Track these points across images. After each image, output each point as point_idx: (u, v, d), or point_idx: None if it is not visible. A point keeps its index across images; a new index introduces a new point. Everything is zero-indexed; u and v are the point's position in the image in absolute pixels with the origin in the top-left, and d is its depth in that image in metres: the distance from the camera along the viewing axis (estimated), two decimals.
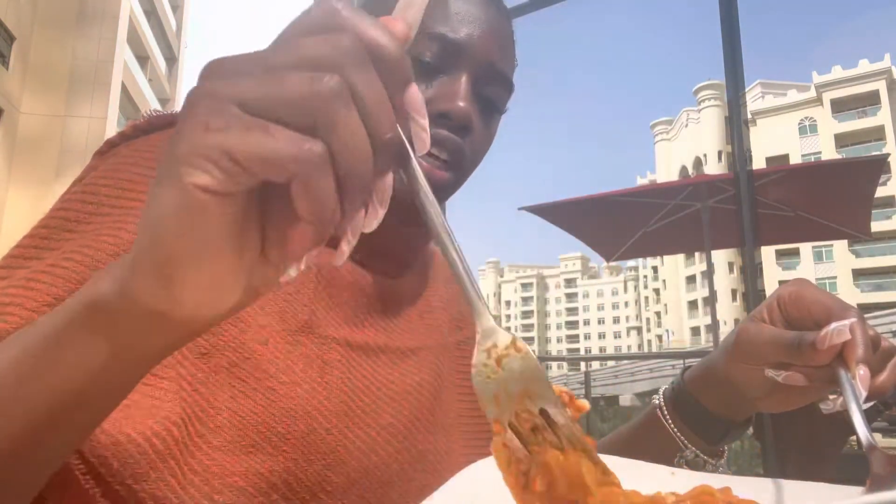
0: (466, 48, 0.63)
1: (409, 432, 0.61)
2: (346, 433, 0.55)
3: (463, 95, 0.61)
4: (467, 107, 0.61)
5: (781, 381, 0.54)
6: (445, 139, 0.61)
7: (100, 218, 0.52)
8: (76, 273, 0.48)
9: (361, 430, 0.57)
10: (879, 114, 54.79)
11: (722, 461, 0.65)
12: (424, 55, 0.62)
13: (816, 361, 0.50)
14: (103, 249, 0.49)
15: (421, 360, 0.67)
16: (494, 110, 0.67)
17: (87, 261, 0.49)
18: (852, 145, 54.55)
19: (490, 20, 0.65)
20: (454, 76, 0.62)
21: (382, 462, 0.57)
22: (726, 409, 0.63)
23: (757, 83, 64.52)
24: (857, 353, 0.48)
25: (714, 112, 66.42)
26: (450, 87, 0.62)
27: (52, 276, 0.48)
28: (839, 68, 56.91)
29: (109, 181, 0.55)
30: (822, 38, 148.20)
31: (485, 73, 0.64)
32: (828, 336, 0.49)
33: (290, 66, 0.28)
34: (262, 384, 0.52)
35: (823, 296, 0.54)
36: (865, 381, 0.47)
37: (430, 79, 0.62)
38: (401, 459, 0.59)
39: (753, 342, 0.56)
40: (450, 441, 0.66)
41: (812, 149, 56.22)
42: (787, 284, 0.57)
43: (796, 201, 4.62)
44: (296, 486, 0.52)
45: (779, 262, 56.57)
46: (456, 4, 0.64)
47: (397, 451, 0.59)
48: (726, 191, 4.53)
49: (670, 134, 76.37)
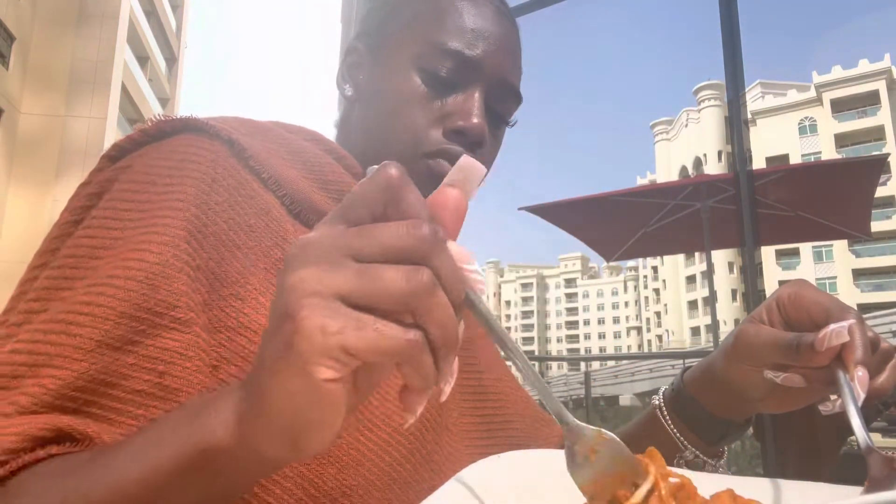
0: (482, 65, 0.65)
1: (419, 433, 0.61)
2: (357, 436, 0.55)
3: (477, 112, 0.63)
4: (481, 123, 0.63)
5: (780, 382, 0.54)
6: (459, 156, 0.62)
7: (122, 242, 0.52)
8: (112, 309, 0.47)
9: (373, 433, 0.57)
10: (879, 114, 54.80)
11: (721, 462, 0.65)
12: (440, 71, 0.64)
13: (815, 363, 0.50)
14: (133, 277, 0.49)
15: None
16: (502, 122, 0.69)
17: (119, 293, 0.48)
18: (852, 145, 54.58)
19: (503, 35, 0.67)
20: (468, 92, 0.64)
21: (396, 462, 0.57)
22: (726, 410, 0.63)
23: (757, 83, 64.54)
24: (856, 355, 0.48)
25: (714, 112, 66.45)
26: (464, 103, 0.64)
27: (93, 317, 0.47)
28: (839, 68, 56.91)
29: (130, 204, 0.54)
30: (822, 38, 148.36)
31: (497, 88, 0.66)
32: (826, 337, 0.49)
33: (379, 258, 0.31)
34: None
35: (822, 297, 0.54)
36: (864, 383, 0.47)
37: (445, 94, 0.64)
38: (413, 461, 0.59)
39: (752, 343, 0.56)
40: (453, 441, 0.66)
41: (812, 149, 56.25)
42: (787, 286, 0.57)
43: (796, 201, 4.62)
44: (313, 491, 0.52)
45: (779, 262, 56.58)
46: (471, 20, 0.65)
47: (409, 452, 0.59)
48: (726, 191, 4.53)
49: (670, 134, 76.39)
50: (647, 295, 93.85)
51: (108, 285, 0.48)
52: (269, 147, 0.63)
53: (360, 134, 0.70)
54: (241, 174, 0.58)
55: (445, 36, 0.64)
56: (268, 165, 0.60)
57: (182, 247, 0.51)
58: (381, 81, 0.68)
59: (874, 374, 0.50)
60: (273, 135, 0.65)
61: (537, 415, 0.81)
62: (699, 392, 0.64)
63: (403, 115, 0.65)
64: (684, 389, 0.65)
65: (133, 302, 0.48)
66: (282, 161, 0.62)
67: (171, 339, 0.48)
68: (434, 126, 0.64)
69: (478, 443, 0.70)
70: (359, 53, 0.72)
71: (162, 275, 0.49)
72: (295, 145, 0.65)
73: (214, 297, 0.52)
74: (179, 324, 0.49)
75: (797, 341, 0.51)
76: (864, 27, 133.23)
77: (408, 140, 0.64)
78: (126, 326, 0.47)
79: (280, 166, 0.61)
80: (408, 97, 0.65)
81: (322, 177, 0.64)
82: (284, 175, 0.61)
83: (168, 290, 0.49)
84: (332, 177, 0.64)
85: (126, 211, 0.54)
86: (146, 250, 0.50)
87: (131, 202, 0.54)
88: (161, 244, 0.50)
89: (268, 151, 0.62)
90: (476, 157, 0.63)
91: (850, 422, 0.46)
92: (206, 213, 0.54)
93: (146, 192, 0.54)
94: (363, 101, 0.70)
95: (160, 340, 0.48)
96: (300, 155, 0.64)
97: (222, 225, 0.55)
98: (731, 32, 2.67)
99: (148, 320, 0.48)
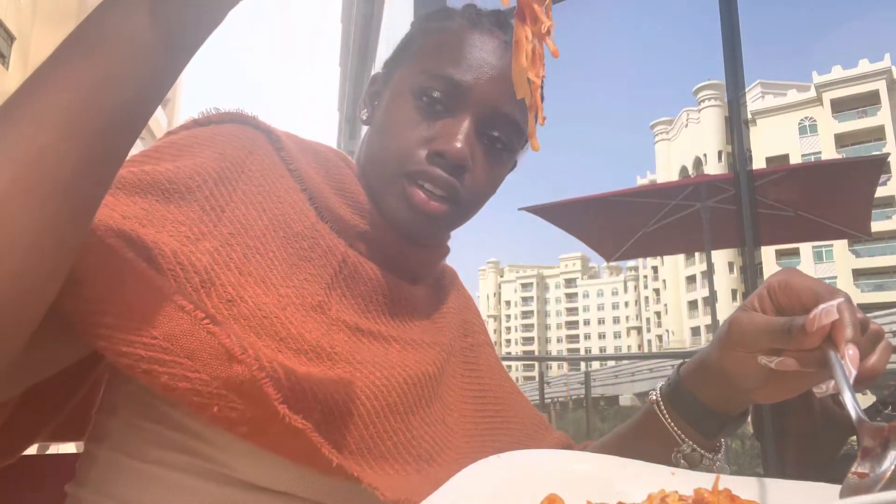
0: (471, 92, 0.67)
1: (408, 414, 0.63)
2: (346, 402, 0.57)
3: (460, 137, 0.66)
4: (463, 148, 0.65)
5: (774, 367, 0.55)
6: (437, 177, 0.66)
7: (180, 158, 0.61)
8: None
9: (362, 404, 0.58)
10: (879, 114, 54.77)
11: (719, 457, 0.66)
12: (433, 94, 0.67)
13: (807, 344, 0.51)
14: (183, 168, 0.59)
15: (428, 353, 0.69)
16: (502, 150, 0.70)
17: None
18: (852, 145, 54.54)
19: (500, 66, 0.68)
20: (458, 118, 0.67)
21: (378, 436, 0.59)
22: (722, 403, 0.64)
23: (757, 83, 64.52)
24: (846, 333, 0.49)
25: (714, 112, 66.45)
26: (450, 128, 0.66)
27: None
28: (839, 68, 56.89)
29: (170, 146, 0.63)
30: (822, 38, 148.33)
31: (489, 117, 0.68)
32: (816, 317, 0.50)
33: None
34: (276, 344, 0.55)
35: (812, 282, 0.55)
36: (855, 360, 0.48)
37: (436, 118, 0.67)
38: (395, 439, 0.60)
39: (746, 330, 0.58)
40: (449, 437, 0.67)
41: (812, 149, 56.23)
42: (776, 274, 0.58)
43: (796, 201, 4.62)
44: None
45: (779, 262, 56.54)
46: (467, 49, 0.68)
47: (393, 429, 0.60)
48: (726, 191, 4.53)
49: (670, 134, 76.39)
50: (647, 295, 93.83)
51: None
52: (302, 147, 0.71)
53: (364, 153, 0.74)
54: (274, 158, 0.67)
55: (442, 63, 0.68)
56: (297, 160, 0.68)
57: (208, 184, 0.59)
58: (385, 106, 0.72)
59: (865, 354, 0.51)
60: (306, 144, 0.73)
61: (536, 420, 0.81)
62: (695, 385, 0.65)
63: (394, 135, 0.68)
64: (681, 383, 0.66)
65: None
66: (308, 161, 0.70)
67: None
68: (420, 147, 0.67)
69: (481, 441, 0.71)
70: (378, 82, 0.77)
71: (184, 185, 0.58)
72: (322, 155, 0.72)
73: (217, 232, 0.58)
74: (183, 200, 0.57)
75: (789, 325, 0.53)
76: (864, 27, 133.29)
77: (393, 159, 0.68)
78: None
79: (306, 165, 0.69)
80: (401, 119, 0.68)
81: (341, 185, 0.69)
82: (309, 173, 0.68)
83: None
84: (349, 186, 0.70)
85: (166, 147, 0.62)
86: (197, 155, 0.61)
87: (172, 144, 0.63)
88: (192, 168, 0.59)
89: (300, 150, 0.70)
90: (463, 181, 0.67)
91: (842, 398, 0.47)
92: (239, 173, 0.62)
93: (187, 144, 0.63)
94: (371, 125, 0.75)
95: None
96: (325, 163, 0.71)
97: (252, 186, 0.62)
98: (731, 32, 2.68)
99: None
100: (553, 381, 20.80)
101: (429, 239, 0.73)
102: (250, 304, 0.55)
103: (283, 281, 0.59)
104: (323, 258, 0.63)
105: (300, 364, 0.54)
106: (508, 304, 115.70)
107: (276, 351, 0.54)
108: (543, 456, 0.55)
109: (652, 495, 0.46)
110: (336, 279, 0.64)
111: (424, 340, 0.70)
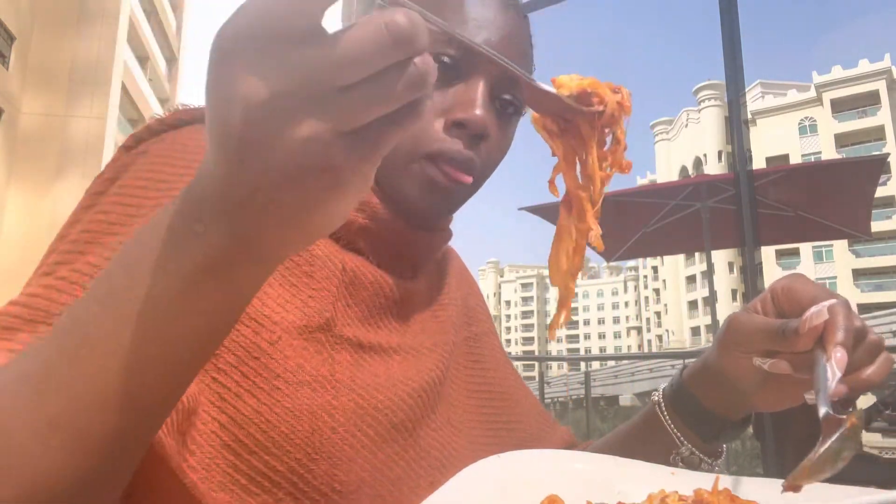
0: (483, 53, 0.63)
1: (415, 429, 0.61)
2: (353, 431, 0.55)
3: (480, 103, 0.61)
4: (483, 115, 0.61)
5: (767, 368, 0.56)
6: (457, 155, 0.61)
7: (139, 220, 0.52)
8: None
9: (370, 427, 0.56)
10: (879, 114, 54.75)
11: (718, 462, 0.66)
12: (443, 56, 0.61)
13: (799, 346, 0.51)
14: None
15: (431, 358, 0.68)
16: (513, 114, 0.67)
17: None
18: (852, 145, 54.53)
19: (508, 25, 0.65)
20: (471, 83, 0.62)
21: (389, 459, 0.57)
22: (722, 405, 0.64)
23: (757, 83, 64.51)
24: (836, 336, 0.49)
25: (714, 112, 66.40)
26: (466, 94, 0.62)
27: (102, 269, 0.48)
28: (839, 68, 56.87)
29: (147, 182, 0.55)
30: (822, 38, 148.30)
31: (502, 79, 0.63)
32: (807, 318, 0.50)
33: None
34: (269, 383, 0.52)
35: (814, 287, 0.55)
36: (842, 364, 0.48)
37: (448, 83, 0.62)
38: (406, 457, 0.59)
39: (743, 330, 0.58)
40: (455, 437, 0.67)
41: (812, 149, 56.21)
42: (781, 279, 0.58)
43: (796, 201, 4.62)
44: (302, 486, 0.52)
45: (779, 262, 56.54)
46: (474, 9, 0.64)
47: (403, 448, 0.59)
48: (726, 191, 4.53)
49: (670, 134, 76.33)
50: (647, 295, 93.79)
51: None
52: None
53: None
54: None
55: (450, 24, 0.63)
56: None
57: None
58: None
59: (861, 364, 0.51)
60: None
61: (542, 415, 0.81)
62: (697, 387, 0.65)
63: None
64: (683, 386, 0.66)
65: None
66: None
67: None
68: (436, 118, 0.62)
69: (482, 441, 0.71)
70: None
71: None
72: None
73: None
74: None
75: (783, 326, 0.53)
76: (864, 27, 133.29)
77: (408, 137, 0.63)
78: None
79: None
80: None
81: None
82: None
83: None
84: None
85: (142, 188, 0.55)
86: None
87: (148, 181, 0.55)
88: None
89: None
90: (480, 151, 0.63)
91: (815, 393, 0.47)
92: None
93: (162, 173, 0.55)
94: None
95: None
96: None
97: None
98: (731, 32, 2.68)
99: None
100: (553, 381, 20.78)
101: (438, 220, 0.69)
102: (240, 352, 0.52)
103: (281, 307, 0.56)
104: (323, 269, 0.60)
105: (303, 397, 0.53)
106: (508, 304, 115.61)
107: (272, 390, 0.52)
108: (543, 456, 0.55)
109: (652, 495, 0.46)
110: (339, 289, 0.61)
111: (426, 345, 0.68)
